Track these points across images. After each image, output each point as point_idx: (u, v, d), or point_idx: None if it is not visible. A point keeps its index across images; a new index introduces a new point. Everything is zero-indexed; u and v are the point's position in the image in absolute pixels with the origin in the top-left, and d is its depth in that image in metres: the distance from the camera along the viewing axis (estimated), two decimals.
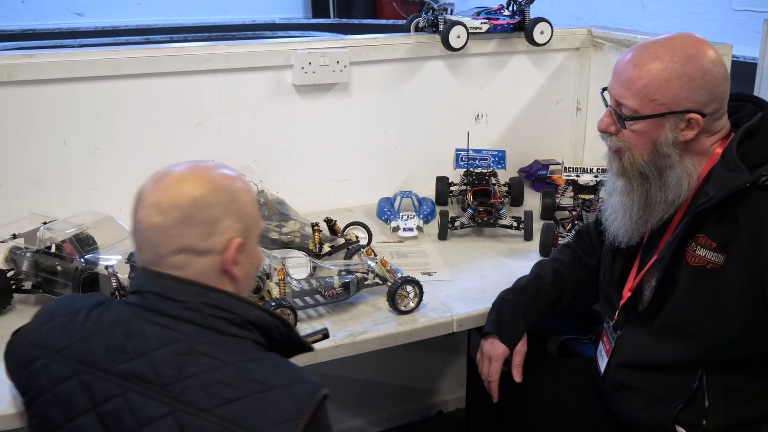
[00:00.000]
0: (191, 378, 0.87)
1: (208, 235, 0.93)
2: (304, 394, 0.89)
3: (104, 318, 0.95)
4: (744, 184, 1.15)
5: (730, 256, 1.17)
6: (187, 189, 0.93)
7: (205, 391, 0.87)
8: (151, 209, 0.94)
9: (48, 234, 1.44)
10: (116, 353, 0.91)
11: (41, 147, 1.69)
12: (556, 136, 2.25)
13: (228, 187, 0.96)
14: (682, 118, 1.19)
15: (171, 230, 0.92)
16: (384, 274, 1.47)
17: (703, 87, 1.18)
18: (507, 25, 2.04)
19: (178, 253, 0.93)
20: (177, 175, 0.96)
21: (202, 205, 0.93)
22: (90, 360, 0.92)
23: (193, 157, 1.83)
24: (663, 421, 1.25)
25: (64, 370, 0.92)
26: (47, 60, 1.63)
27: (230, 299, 0.94)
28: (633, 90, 1.20)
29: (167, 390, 0.87)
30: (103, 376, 0.90)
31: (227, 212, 0.94)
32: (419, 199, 1.96)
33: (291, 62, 1.86)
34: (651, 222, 1.25)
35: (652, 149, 1.21)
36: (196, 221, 0.92)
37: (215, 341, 0.91)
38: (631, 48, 1.24)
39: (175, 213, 0.92)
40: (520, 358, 1.39)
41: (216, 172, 0.97)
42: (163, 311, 0.92)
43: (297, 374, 0.92)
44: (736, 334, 1.19)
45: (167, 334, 0.91)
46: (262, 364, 0.91)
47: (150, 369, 0.89)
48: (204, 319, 0.91)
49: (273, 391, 0.88)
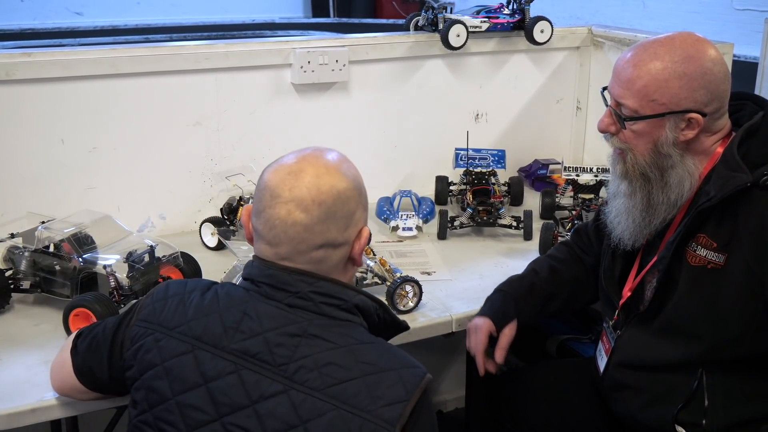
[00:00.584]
0: (305, 359, 0.91)
1: (346, 227, 0.97)
2: (413, 377, 0.92)
3: (220, 298, 0.98)
4: (745, 184, 1.14)
5: (731, 256, 1.17)
6: (329, 184, 0.96)
7: (318, 371, 0.90)
8: (292, 205, 0.95)
9: (46, 233, 1.44)
10: (232, 332, 0.94)
11: (39, 146, 1.68)
12: (556, 136, 2.25)
13: (356, 178, 0.99)
14: (682, 118, 1.19)
15: (315, 227, 0.95)
16: (383, 274, 1.46)
17: (704, 86, 1.17)
18: (507, 24, 2.03)
19: (319, 249, 0.96)
20: (312, 168, 0.97)
21: (343, 200, 0.96)
22: (206, 337, 0.95)
23: (191, 157, 1.84)
24: (663, 420, 1.25)
25: (179, 346, 0.95)
26: (45, 59, 1.63)
27: (337, 287, 0.97)
28: (632, 90, 1.19)
29: (281, 369, 0.91)
30: (217, 353, 0.93)
31: (359, 204, 0.99)
32: (419, 199, 1.96)
33: (290, 61, 1.85)
34: (654, 223, 1.24)
35: (653, 149, 1.21)
36: (338, 216, 0.96)
37: (326, 325, 0.94)
38: (631, 47, 1.23)
39: (319, 210, 0.95)
40: (506, 341, 1.38)
41: (343, 164, 0.99)
42: (277, 299, 0.95)
43: (405, 358, 0.95)
44: (737, 335, 1.19)
45: (282, 316, 0.94)
46: (372, 347, 0.94)
47: (265, 348, 0.92)
48: (316, 307, 0.95)
49: (383, 373, 0.91)
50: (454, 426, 2.28)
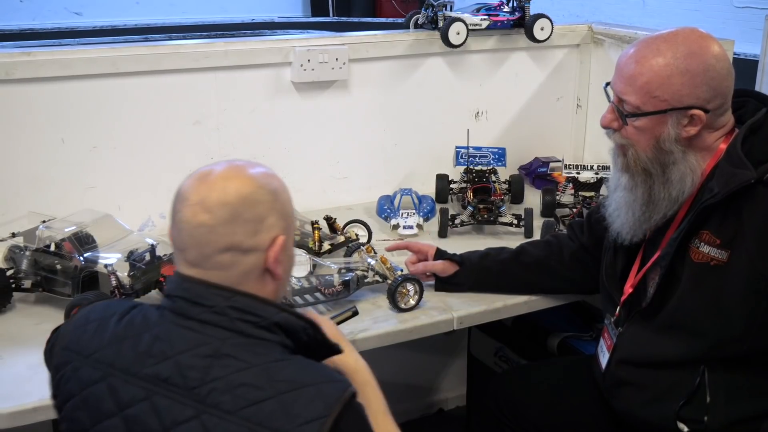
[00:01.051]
0: (217, 380, 0.88)
1: (255, 232, 0.93)
2: (332, 392, 0.88)
3: (135, 322, 0.95)
4: (749, 181, 1.14)
5: (734, 253, 1.17)
6: (234, 186, 0.93)
7: (231, 393, 0.87)
8: (197, 207, 0.92)
9: (47, 232, 1.44)
10: (143, 357, 0.91)
11: (39, 145, 1.68)
12: (557, 134, 2.24)
13: (271, 185, 0.96)
14: (684, 115, 1.18)
15: (218, 228, 0.91)
16: (384, 272, 1.46)
17: (706, 83, 1.17)
18: (507, 22, 2.03)
19: (225, 252, 0.92)
20: (220, 173, 0.94)
21: (250, 202, 0.93)
22: (118, 364, 0.92)
23: (191, 155, 1.83)
24: (664, 417, 1.24)
25: (93, 374, 0.93)
26: (44, 58, 1.63)
27: (257, 302, 0.93)
28: (635, 86, 1.19)
29: (193, 393, 0.88)
30: (129, 380, 0.91)
31: (272, 210, 0.94)
32: (419, 197, 1.96)
33: (290, 59, 1.85)
34: (654, 219, 1.24)
35: (655, 146, 1.21)
36: (244, 218, 0.92)
37: (241, 344, 0.90)
38: (635, 43, 1.23)
39: (223, 211, 0.92)
40: (429, 267, 1.48)
41: (258, 170, 0.97)
42: (191, 315, 0.92)
43: (324, 374, 0.92)
44: (739, 332, 1.19)
45: (193, 337, 0.91)
46: (288, 363, 0.91)
47: (176, 372, 0.89)
48: (230, 323, 0.91)
49: (300, 390, 0.87)
50: (455, 424, 2.28)
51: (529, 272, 1.48)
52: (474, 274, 1.48)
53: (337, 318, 1.12)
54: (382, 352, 1.43)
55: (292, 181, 1.92)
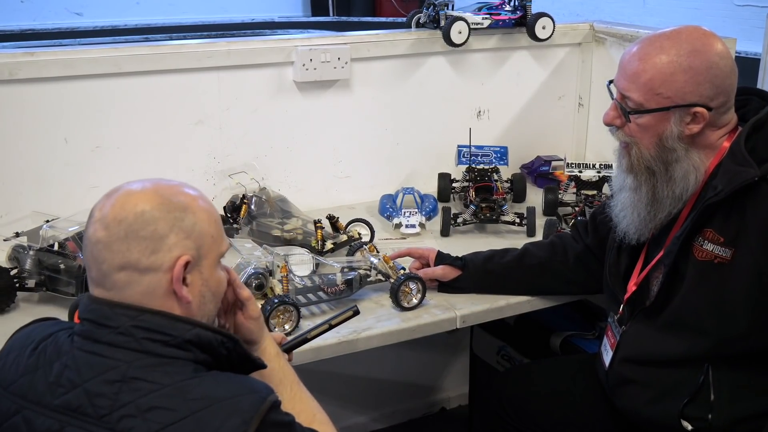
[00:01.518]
0: (126, 406, 0.85)
1: (152, 251, 0.89)
2: (249, 404, 0.85)
3: (48, 351, 0.93)
4: (753, 178, 1.14)
5: (738, 250, 1.17)
6: (133, 203, 0.90)
7: (142, 417, 0.84)
8: (98, 224, 0.90)
9: (51, 232, 1.44)
10: (54, 387, 0.89)
11: (42, 145, 1.68)
12: (558, 132, 2.24)
13: (180, 204, 0.91)
14: (687, 112, 1.19)
15: (114, 245, 0.89)
16: (387, 271, 1.47)
17: (709, 81, 1.17)
18: (508, 21, 2.03)
19: (121, 270, 0.89)
20: (126, 190, 0.92)
21: (147, 220, 0.89)
22: (31, 395, 0.90)
23: (194, 155, 1.84)
24: (668, 415, 1.25)
25: (10, 407, 0.91)
26: (48, 58, 1.63)
27: (165, 320, 0.89)
28: (638, 83, 1.19)
29: (104, 421, 0.85)
30: (42, 412, 0.88)
31: (174, 229, 0.90)
32: (421, 196, 1.96)
33: (292, 59, 1.85)
34: (659, 217, 1.24)
35: (658, 143, 1.21)
36: (140, 236, 0.88)
37: (151, 365, 0.87)
38: (638, 41, 1.24)
39: (119, 228, 0.89)
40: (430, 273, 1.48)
41: (171, 189, 0.93)
42: (98, 339, 0.89)
43: (242, 385, 0.88)
44: (743, 329, 1.19)
45: (100, 363, 0.88)
46: (202, 380, 0.87)
47: (86, 401, 0.86)
48: (138, 343, 0.88)
49: (215, 406, 0.84)
50: (458, 423, 2.28)
51: (533, 274, 1.48)
52: (477, 278, 1.48)
53: (338, 318, 1.12)
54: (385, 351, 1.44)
55: (295, 180, 1.97)
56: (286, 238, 1.66)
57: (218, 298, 0.98)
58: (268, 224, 1.70)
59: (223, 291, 0.98)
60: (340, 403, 2.17)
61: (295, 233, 1.67)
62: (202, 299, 0.94)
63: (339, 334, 1.33)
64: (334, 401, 2.14)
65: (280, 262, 1.41)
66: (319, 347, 1.29)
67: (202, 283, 0.93)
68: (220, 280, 0.97)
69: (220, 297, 0.98)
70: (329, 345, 1.32)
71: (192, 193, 0.95)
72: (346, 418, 2.18)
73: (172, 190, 0.93)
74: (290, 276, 1.39)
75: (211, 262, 0.94)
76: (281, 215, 1.72)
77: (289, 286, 1.38)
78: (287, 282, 1.38)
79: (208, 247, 0.93)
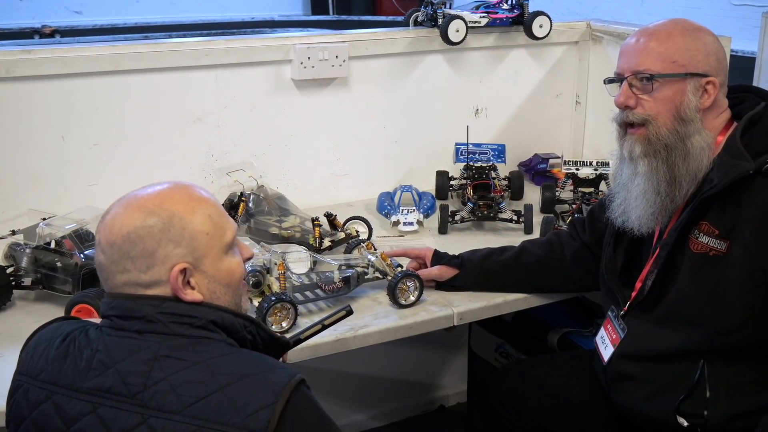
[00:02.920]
0: (159, 383, 0.87)
1: (148, 267, 0.91)
2: (279, 378, 0.87)
3: (76, 340, 0.95)
4: (747, 171, 1.15)
5: (733, 243, 1.17)
6: (119, 225, 0.92)
7: (174, 393, 0.86)
8: (98, 248, 0.95)
9: (47, 230, 1.44)
10: (85, 371, 0.91)
11: (40, 143, 1.69)
12: (556, 130, 2.25)
13: (165, 213, 0.92)
14: (700, 83, 1.22)
15: (112, 267, 0.93)
16: (384, 269, 1.47)
17: (714, 54, 1.23)
18: (506, 19, 2.03)
19: (124, 286, 0.93)
20: (112, 213, 0.94)
21: (133, 240, 0.91)
22: (61, 381, 0.92)
23: (192, 152, 1.84)
24: (664, 411, 1.25)
25: (40, 394, 0.93)
26: (45, 56, 1.63)
27: (186, 306, 0.92)
28: (653, 55, 1.23)
29: (137, 399, 0.87)
30: (73, 395, 0.90)
31: (162, 241, 0.91)
32: (419, 194, 1.96)
33: (290, 57, 1.85)
34: (677, 199, 1.24)
35: (676, 115, 1.22)
36: (132, 257, 0.91)
37: (181, 344, 0.90)
38: (635, 32, 1.28)
39: (112, 251, 0.92)
40: (426, 274, 1.48)
41: (155, 198, 0.94)
42: (127, 328, 0.92)
43: (269, 363, 0.91)
44: (738, 322, 1.19)
45: (132, 344, 0.91)
46: (232, 357, 0.89)
47: (118, 381, 0.89)
48: (166, 327, 0.91)
49: (245, 380, 0.86)
50: (456, 420, 2.28)
51: (531, 272, 1.48)
52: (475, 277, 1.48)
53: (331, 318, 1.12)
54: (384, 348, 1.44)
55: (293, 178, 1.98)
56: (284, 235, 1.66)
57: (234, 286, 0.97)
58: (266, 222, 1.70)
59: (238, 277, 0.99)
60: (339, 401, 2.17)
61: (293, 231, 1.67)
62: (213, 295, 0.95)
63: (336, 332, 1.33)
64: (332, 399, 2.15)
65: (278, 259, 1.41)
66: (316, 345, 1.29)
67: (209, 281, 0.94)
68: (231, 270, 0.96)
69: (236, 283, 0.98)
70: (327, 342, 1.32)
71: (178, 195, 0.95)
72: (344, 416, 2.18)
73: (157, 199, 0.93)
74: (288, 274, 1.40)
75: (213, 259, 0.94)
76: (279, 213, 1.73)
77: (286, 284, 1.38)
78: (285, 280, 1.38)
79: (205, 246, 0.93)
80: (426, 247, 1.55)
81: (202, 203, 0.95)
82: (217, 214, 0.96)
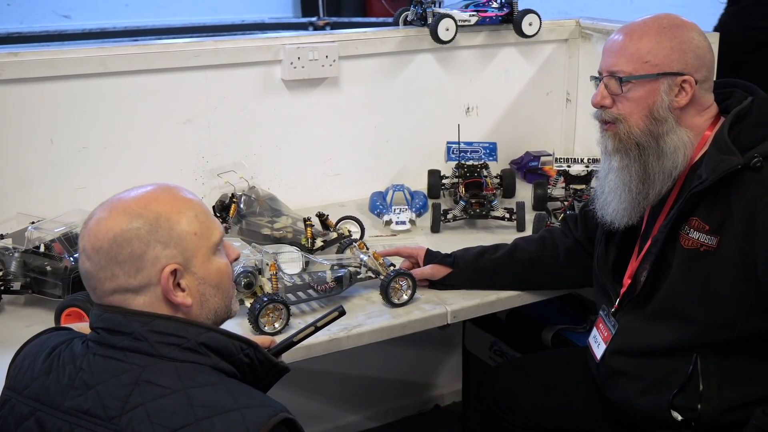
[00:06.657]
0: (136, 408, 0.85)
1: (137, 270, 0.90)
2: (257, 416, 0.84)
3: (62, 356, 0.94)
4: (736, 166, 1.16)
5: (723, 238, 1.18)
6: (104, 230, 0.90)
7: (149, 420, 0.84)
8: (82, 255, 0.93)
9: (36, 233, 1.43)
10: (67, 389, 0.90)
11: (28, 146, 1.67)
12: (547, 128, 2.25)
13: (151, 215, 0.91)
14: (675, 82, 1.22)
15: (100, 274, 0.91)
16: (377, 268, 1.46)
17: (692, 51, 1.22)
18: (495, 17, 2.03)
19: (113, 294, 0.91)
20: (96, 218, 0.93)
21: (120, 243, 0.89)
22: (44, 398, 0.91)
23: (182, 154, 1.83)
24: (658, 406, 1.25)
25: (24, 410, 0.92)
26: (32, 58, 1.62)
27: (177, 324, 0.90)
28: (626, 55, 1.23)
29: (113, 423, 0.86)
30: (55, 414, 0.90)
31: (151, 243, 0.90)
32: (411, 193, 1.96)
33: (280, 57, 1.85)
34: (651, 196, 1.25)
35: (648, 116, 1.23)
36: (119, 261, 0.90)
37: (165, 369, 0.88)
38: (618, 29, 1.28)
39: (98, 257, 0.90)
40: (419, 273, 1.47)
41: (139, 201, 0.92)
42: (114, 344, 0.90)
43: (256, 399, 0.88)
44: (729, 317, 1.20)
45: (115, 366, 0.89)
46: (213, 389, 0.87)
47: (97, 403, 0.87)
48: (152, 348, 0.89)
49: (221, 416, 0.83)
50: (451, 420, 2.28)
51: (524, 270, 1.48)
52: (468, 275, 1.48)
53: (324, 319, 1.11)
54: (378, 348, 1.44)
55: (284, 178, 1.97)
56: (275, 236, 1.65)
57: (224, 287, 0.96)
58: (258, 223, 1.69)
59: (228, 278, 0.97)
60: (333, 401, 2.16)
61: (284, 231, 1.66)
62: (203, 297, 0.93)
63: (330, 332, 1.32)
64: (327, 400, 2.14)
65: (270, 260, 1.41)
66: (309, 345, 1.29)
67: (199, 282, 0.93)
68: (221, 270, 0.95)
69: (226, 284, 0.97)
70: (320, 343, 1.32)
71: (163, 196, 0.94)
72: (339, 416, 2.17)
73: (142, 201, 0.92)
74: (280, 274, 1.39)
75: (202, 259, 0.93)
76: (271, 214, 1.72)
77: (278, 285, 1.38)
78: (277, 280, 1.38)
79: (193, 246, 0.92)
80: (418, 246, 1.55)
81: (188, 204, 0.95)
82: (204, 214, 0.96)
